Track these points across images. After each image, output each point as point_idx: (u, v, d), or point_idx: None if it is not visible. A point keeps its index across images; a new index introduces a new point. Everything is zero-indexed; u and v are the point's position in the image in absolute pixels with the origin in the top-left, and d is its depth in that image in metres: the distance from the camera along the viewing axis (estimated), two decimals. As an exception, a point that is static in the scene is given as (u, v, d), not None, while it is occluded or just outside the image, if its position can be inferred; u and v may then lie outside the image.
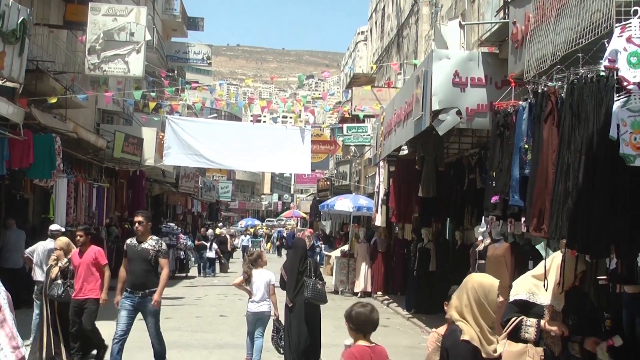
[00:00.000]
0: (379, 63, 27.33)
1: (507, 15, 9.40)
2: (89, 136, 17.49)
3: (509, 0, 9.10)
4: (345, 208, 21.54)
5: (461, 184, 12.70)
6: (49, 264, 9.32)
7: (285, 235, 41.31)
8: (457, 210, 13.20)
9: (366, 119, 23.93)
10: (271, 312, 9.03)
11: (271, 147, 20.51)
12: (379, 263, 18.82)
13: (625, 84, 4.94)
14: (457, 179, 12.99)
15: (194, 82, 25.88)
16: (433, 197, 13.34)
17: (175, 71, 32.40)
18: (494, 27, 10.12)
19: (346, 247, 21.12)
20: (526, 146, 6.85)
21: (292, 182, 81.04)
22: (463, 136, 13.06)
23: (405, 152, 15.31)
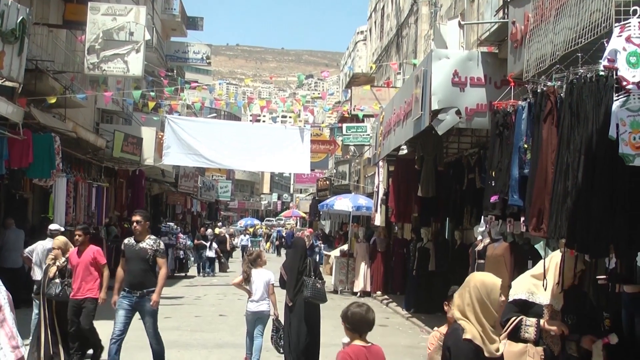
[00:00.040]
0: (378, 63, 27.33)
1: (506, 15, 9.39)
2: (88, 136, 17.49)
3: (509, 0, 9.10)
4: (344, 208, 21.53)
5: (460, 183, 12.71)
6: (47, 263, 9.30)
7: (285, 234, 41.34)
8: (456, 210, 13.20)
9: (365, 118, 23.95)
10: (270, 312, 9.04)
11: (270, 147, 20.52)
12: (379, 263, 18.82)
13: (625, 83, 4.94)
14: (456, 178, 12.99)
15: (193, 82, 25.89)
16: (432, 196, 13.35)
17: (175, 71, 32.38)
18: (494, 27, 10.12)
19: (345, 247, 21.13)
20: (525, 146, 6.84)
21: (292, 181, 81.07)
22: (462, 136, 13.07)
23: (405, 151, 15.31)
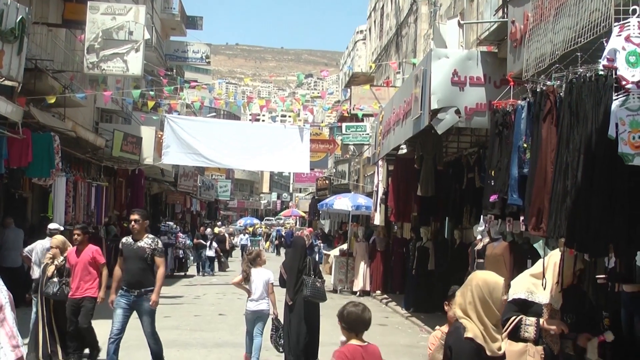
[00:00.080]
0: (377, 62, 27.32)
1: (506, 14, 9.39)
2: (87, 135, 17.48)
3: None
4: (344, 207, 21.54)
5: (460, 183, 12.71)
6: (45, 262, 9.28)
7: (284, 234, 41.34)
8: (455, 209, 13.21)
9: (365, 118, 23.95)
10: (270, 311, 9.05)
11: (270, 146, 20.53)
12: (378, 262, 18.82)
13: (624, 83, 4.94)
14: (455, 178, 12.99)
15: (192, 81, 25.86)
16: (432, 196, 13.35)
17: (174, 70, 32.35)
18: (493, 26, 10.12)
19: (345, 246, 21.13)
20: (525, 145, 6.84)
21: (291, 181, 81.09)
22: (462, 135, 13.06)
23: (404, 151, 15.30)
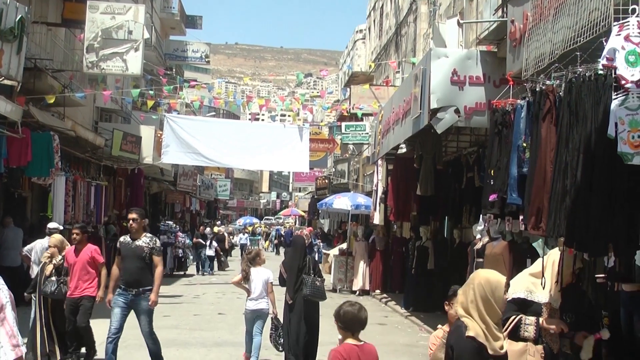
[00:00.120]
0: (377, 61, 27.32)
1: (505, 13, 9.40)
2: (87, 134, 17.47)
3: (507, -1, 9.10)
4: (343, 206, 21.55)
5: (459, 182, 12.71)
6: (43, 261, 9.26)
7: (283, 233, 41.36)
8: (455, 209, 13.22)
9: (364, 117, 23.96)
10: (269, 310, 9.05)
11: (269, 146, 20.54)
12: (377, 261, 18.83)
13: (623, 82, 4.95)
14: (455, 177, 13.00)
15: (192, 81, 25.89)
16: (431, 195, 13.35)
17: (174, 69, 32.36)
18: (492, 26, 10.12)
19: (344, 246, 21.13)
20: (524, 144, 6.85)
21: (291, 180, 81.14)
22: (461, 134, 13.07)
23: (404, 150, 15.30)
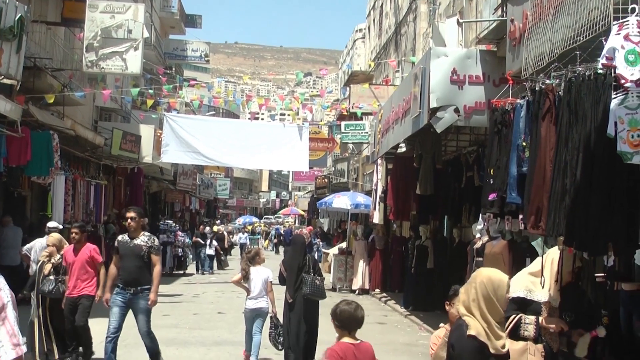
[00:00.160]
0: (376, 61, 27.32)
1: (505, 13, 9.40)
2: (86, 133, 17.47)
3: (507, -2, 9.10)
4: (343, 205, 21.54)
5: (459, 181, 12.71)
6: (41, 260, 9.25)
7: (283, 232, 41.34)
8: (454, 208, 13.21)
9: (364, 116, 23.97)
10: (269, 309, 9.05)
11: (269, 145, 20.55)
12: (377, 260, 18.83)
13: (623, 81, 4.95)
14: (454, 176, 12.99)
15: (191, 80, 25.89)
16: (431, 194, 13.35)
17: (173, 68, 32.33)
18: (492, 25, 10.12)
19: (344, 245, 21.12)
20: (524, 144, 6.85)
21: (290, 179, 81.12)
22: (461, 134, 13.07)
23: (403, 149, 15.29)
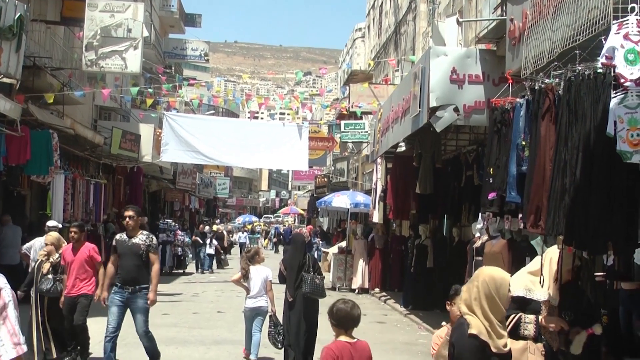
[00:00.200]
0: (376, 60, 27.32)
1: (504, 12, 9.40)
2: (86, 132, 17.46)
3: (507, -3, 9.10)
4: (342, 205, 21.53)
5: (458, 180, 12.71)
6: (40, 259, 9.23)
7: (282, 231, 41.34)
8: (454, 207, 13.21)
9: (364, 115, 23.97)
10: (268, 308, 9.05)
11: (269, 144, 20.55)
12: (377, 259, 18.83)
13: (622, 80, 4.95)
14: (454, 175, 12.99)
15: (191, 79, 25.91)
16: (430, 193, 13.36)
17: (173, 68, 32.31)
18: (492, 24, 10.13)
19: (344, 244, 21.12)
20: (523, 143, 6.86)
21: (290, 178, 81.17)
22: (460, 133, 13.07)
23: (403, 148, 15.30)
